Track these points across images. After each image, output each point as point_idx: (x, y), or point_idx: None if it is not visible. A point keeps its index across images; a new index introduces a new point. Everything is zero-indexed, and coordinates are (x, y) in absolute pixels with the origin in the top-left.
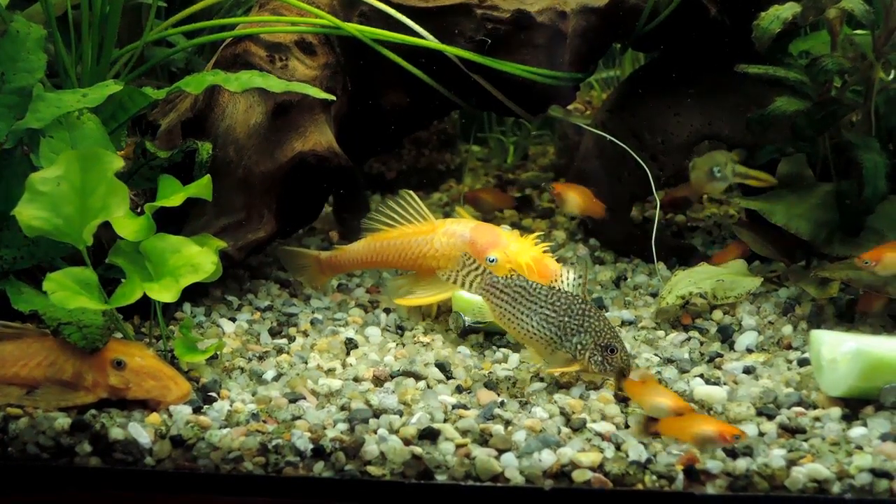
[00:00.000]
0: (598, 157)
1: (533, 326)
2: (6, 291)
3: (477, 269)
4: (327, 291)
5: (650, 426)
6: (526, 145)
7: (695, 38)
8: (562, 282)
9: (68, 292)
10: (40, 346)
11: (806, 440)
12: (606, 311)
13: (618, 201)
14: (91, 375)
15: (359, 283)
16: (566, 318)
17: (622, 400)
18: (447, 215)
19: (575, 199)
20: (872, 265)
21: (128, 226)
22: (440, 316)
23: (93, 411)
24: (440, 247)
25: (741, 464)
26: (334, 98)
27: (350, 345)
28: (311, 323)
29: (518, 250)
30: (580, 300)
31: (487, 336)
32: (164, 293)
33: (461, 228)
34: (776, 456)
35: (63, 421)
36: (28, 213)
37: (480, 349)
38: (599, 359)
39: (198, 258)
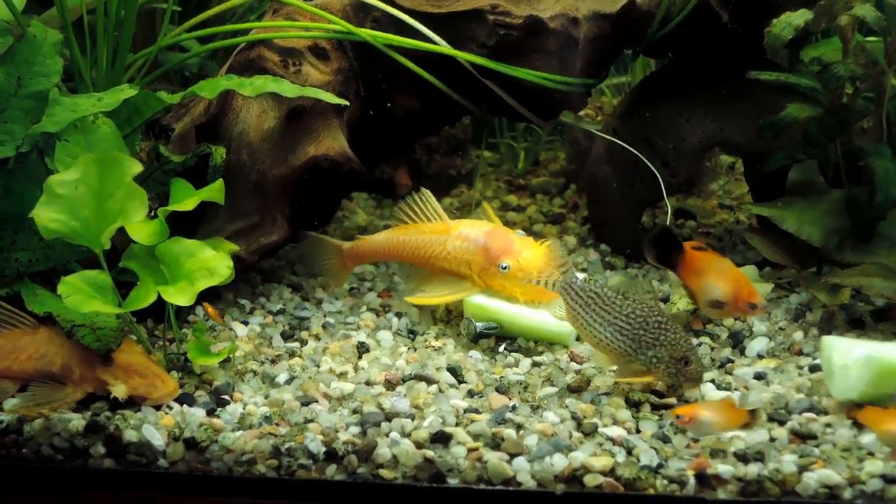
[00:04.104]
0: (609, 163)
1: (606, 337)
2: (21, 293)
3: (561, 266)
4: (341, 289)
5: None
6: (537, 151)
7: (706, 44)
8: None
9: (82, 296)
10: (30, 340)
11: (817, 446)
12: None
13: (629, 207)
14: (79, 370)
15: (370, 287)
16: (641, 332)
17: (633, 405)
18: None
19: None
20: (685, 421)
21: (141, 230)
22: (451, 320)
23: (107, 413)
24: (453, 250)
25: (752, 469)
26: (347, 103)
27: (362, 348)
28: (323, 327)
29: (531, 258)
30: (656, 312)
31: (499, 341)
32: (180, 297)
33: (475, 233)
34: (787, 461)
35: (77, 423)
36: (45, 216)
37: (492, 353)
38: (674, 371)
39: (213, 262)
